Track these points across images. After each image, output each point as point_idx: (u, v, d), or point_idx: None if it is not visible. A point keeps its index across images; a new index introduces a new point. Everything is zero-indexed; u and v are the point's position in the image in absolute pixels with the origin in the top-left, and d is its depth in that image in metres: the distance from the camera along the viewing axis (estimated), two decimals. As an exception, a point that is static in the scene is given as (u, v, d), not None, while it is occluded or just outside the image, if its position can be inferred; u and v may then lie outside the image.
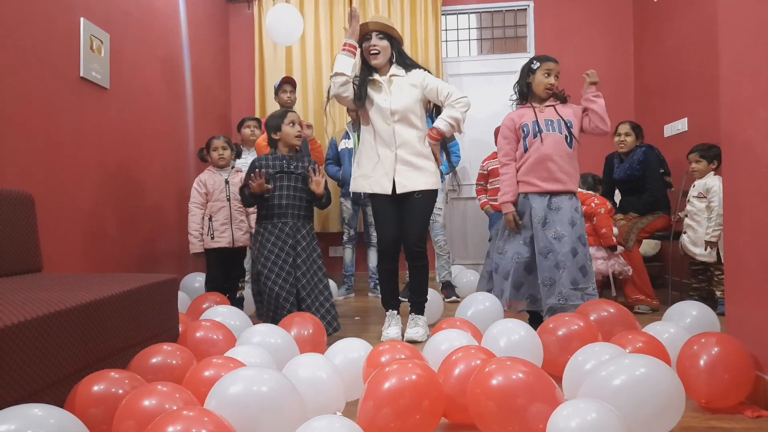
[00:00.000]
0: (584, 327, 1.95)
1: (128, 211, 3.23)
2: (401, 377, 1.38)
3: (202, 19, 4.38)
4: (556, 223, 2.51)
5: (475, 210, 4.60)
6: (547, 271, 2.47)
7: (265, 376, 1.32)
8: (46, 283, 1.80)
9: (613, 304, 2.27)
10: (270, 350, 1.85)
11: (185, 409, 1.14)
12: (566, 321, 1.99)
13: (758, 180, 1.66)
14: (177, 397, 1.29)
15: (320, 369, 1.58)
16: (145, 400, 1.26)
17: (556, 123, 2.59)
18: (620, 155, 3.66)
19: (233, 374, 1.33)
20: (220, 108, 4.75)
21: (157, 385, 1.32)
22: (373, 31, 2.60)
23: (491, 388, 1.33)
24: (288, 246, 2.58)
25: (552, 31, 4.76)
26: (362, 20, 2.73)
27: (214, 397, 1.29)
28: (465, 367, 1.51)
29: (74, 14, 2.75)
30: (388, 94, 2.59)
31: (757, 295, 1.67)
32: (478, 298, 2.59)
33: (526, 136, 2.60)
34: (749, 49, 1.69)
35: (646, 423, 1.32)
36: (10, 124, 2.31)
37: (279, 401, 1.29)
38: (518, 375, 1.34)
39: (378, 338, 2.66)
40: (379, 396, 1.37)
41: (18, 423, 1.05)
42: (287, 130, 2.64)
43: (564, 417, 1.20)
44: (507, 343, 1.87)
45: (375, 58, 2.60)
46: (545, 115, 2.61)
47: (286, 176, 2.63)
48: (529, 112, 2.63)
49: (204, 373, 1.51)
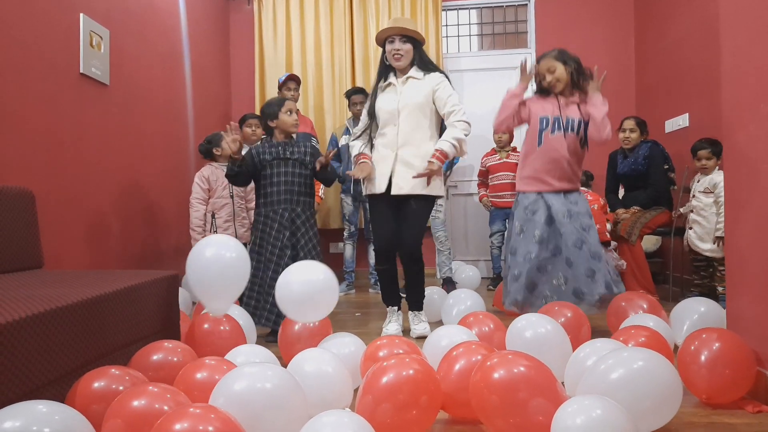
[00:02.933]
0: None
1: (129, 207, 3.23)
2: (399, 372, 1.39)
3: (202, 15, 4.37)
4: (580, 215, 2.51)
5: (475, 206, 4.60)
6: (585, 262, 2.44)
7: (269, 373, 1.32)
8: (47, 280, 1.80)
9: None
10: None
11: (192, 406, 1.13)
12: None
13: (760, 175, 1.65)
14: (168, 397, 1.28)
15: (326, 364, 1.59)
16: (135, 400, 1.25)
17: (576, 122, 2.56)
18: (624, 151, 3.66)
19: (238, 371, 1.33)
20: (220, 104, 4.75)
21: (148, 385, 1.31)
22: (397, 35, 2.59)
23: (494, 381, 1.34)
24: (288, 232, 2.55)
25: (553, 26, 4.75)
26: (368, 16, 2.72)
27: (219, 394, 1.29)
28: (466, 363, 1.51)
29: (74, 10, 2.74)
30: (398, 94, 2.60)
31: (758, 290, 1.67)
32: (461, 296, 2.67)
33: (542, 130, 2.55)
34: (751, 45, 1.69)
35: (645, 415, 1.32)
36: (11, 120, 2.31)
37: (283, 398, 1.29)
38: (520, 369, 1.34)
39: (379, 334, 2.66)
40: (378, 390, 1.37)
41: (23, 419, 1.05)
42: (284, 118, 2.63)
43: (569, 414, 1.20)
44: (533, 335, 1.85)
45: (398, 60, 2.60)
46: (568, 111, 2.57)
47: (283, 162, 2.61)
48: (552, 105, 2.58)
49: (196, 374, 1.49)
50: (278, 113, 2.63)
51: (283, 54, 4.77)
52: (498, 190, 4.13)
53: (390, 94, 2.63)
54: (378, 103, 2.65)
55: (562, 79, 2.57)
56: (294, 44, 4.78)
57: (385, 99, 2.63)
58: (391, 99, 2.61)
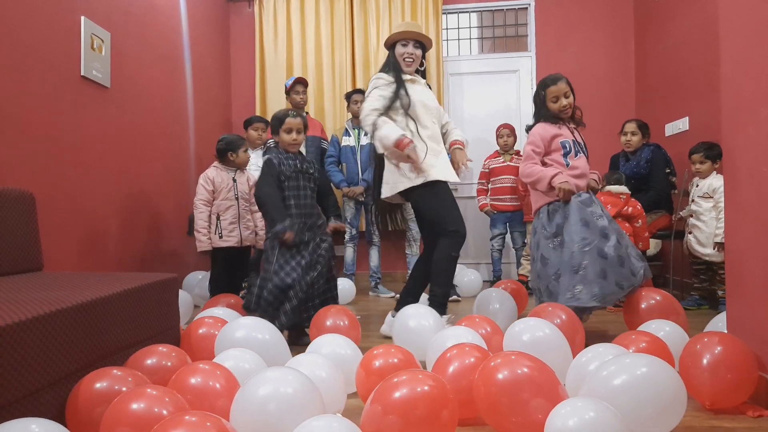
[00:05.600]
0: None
1: (129, 210, 3.23)
2: (413, 387, 1.30)
3: (202, 18, 4.38)
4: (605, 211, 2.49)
5: (475, 209, 4.59)
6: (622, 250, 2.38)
7: (290, 378, 1.35)
8: (47, 282, 1.80)
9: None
10: (259, 348, 1.84)
11: (189, 413, 1.13)
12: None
13: (759, 179, 1.65)
14: (167, 401, 1.27)
15: (319, 368, 1.58)
16: (134, 403, 1.24)
17: (583, 144, 2.60)
18: (626, 153, 3.65)
19: (260, 376, 1.35)
20: (220, 107, 4.75)
21: (146, 388, 1.30)
22: (412, 39, 2.62)
23: (498, 381, 1.35)
24: (310, 246, 2.53)
25: (553, 29, 4.76)
26: (368, 19, 2.74)
27: (241, 399, 1.32)
28: (459, 365, 1.53)
29: (75, 13, 2.75)
30: (428, 91, 2.70)
31: (759, 294, 1.67)
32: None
33: (567, 153, 2.53)
34: (750, 48, 1.69)
35: (647, 422, 1.31)
36: (11, 123, 2.31)
37: (303, 402, 1.31)
38: (523, 369, 1.35)
39: (379, 338, 2.65)
40: (390, 405, 1.28)
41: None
42: (283, 137, 2.58)
43: (562, 416, 1.20)
44: (531, 338, 1.85)
45: (410, 65, 2.64)
46: (576, 136, 2.60)
47: (302, 176, 2.59)
48: (565, 131, 2.57)
49: (190, 379, 1.47)
50: (278, 130, 2.60)
51: (283, 56, 4.78)
52: (499, 193, 4.13)
53: (421, 89, 2.64)
54: (415, 95, 2.59)
55: (571, 107, 2.57)
56: (294, 47, 4.78)
57: (419, 92, 2.61)
58: (426, 94, 2.65)
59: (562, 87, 2.52)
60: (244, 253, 3.18)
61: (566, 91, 2.53)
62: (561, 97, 2.53)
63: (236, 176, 3.11)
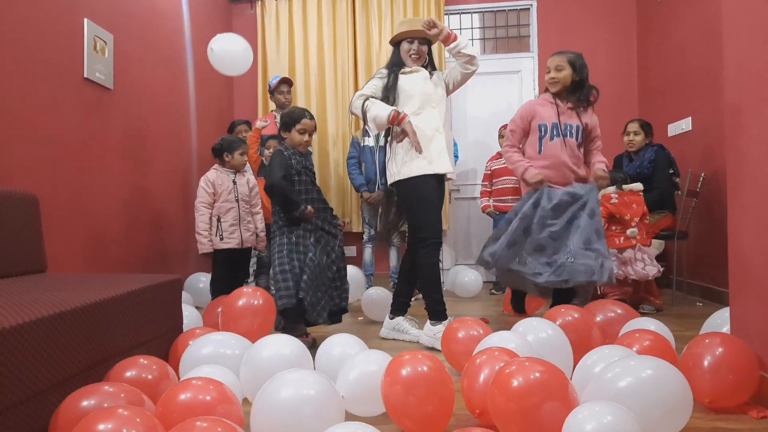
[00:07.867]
0: None
1: (132, 211, 3.24)
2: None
3: (205, 20, 4.39)
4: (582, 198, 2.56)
5: (477, 210, 4.59)
6: (586, 234, 2.47)
7: (310, 380, 1.37)
8: (51, 284, 1.81)
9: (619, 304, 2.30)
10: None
11: (199, 420, 1.16)
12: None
13: (762, 179, 1.65)
14: (138, 422, 1.18)
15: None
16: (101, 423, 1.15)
17: (575, 128, 2.58)
18: (630, 153, 3.65)
19: (280, 377, 1.38)
20: (223, 108, 4.76)
21: (117, 408, 1.21)
22: (418, 37, 2.62)
23: (511, 389, 1.33)
24: (323, 239, 2.57)
25: (555, 30, 4.75)
26: (370, 20, 2.73)
27: (261, 400, 1.34)
28: (490, 371, 1.50)
29: (78, 15, 2.76)
30: (428, 80, 2.64)
31: (762, 294, 1.67)
32: None
33: (542, 137, 2.57)
34: (753, 48, 1.68)
35: (653, 425, 1.31)
36: (15, 125, 2.32)
37: (323, 405, 1.33)
38: (536, 375, 1.33)
39: (379, 341, 2.66)
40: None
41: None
42: (295, 136, 2.59)
43: (579, 420, 1.19)
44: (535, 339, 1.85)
45: (415, 61, 2.64)
46: (566, 117, 2.59)
47: (306, 173, 2.61)
48: (550, 111, 2.59)
49: (180, 396, 1.37)
50: (291, 129, 2.59)
51: (285, 58, 4.78)
52: (501, 194, 4.13)
53: (420, 78, 2.58)
54: (406, 85, 2.55)
55: (560, 82, 2.59)
56: (297, 48, 4.79)
57: (417, 81, 2.56)
58: (425, 82, 2.57)
59: (554, 60, 2.61)
60: (245, 254, 3.19)
61: (557, 65, 2.59)
62: (552, 70, 2.60)
63: (236, 178, 3.11)
